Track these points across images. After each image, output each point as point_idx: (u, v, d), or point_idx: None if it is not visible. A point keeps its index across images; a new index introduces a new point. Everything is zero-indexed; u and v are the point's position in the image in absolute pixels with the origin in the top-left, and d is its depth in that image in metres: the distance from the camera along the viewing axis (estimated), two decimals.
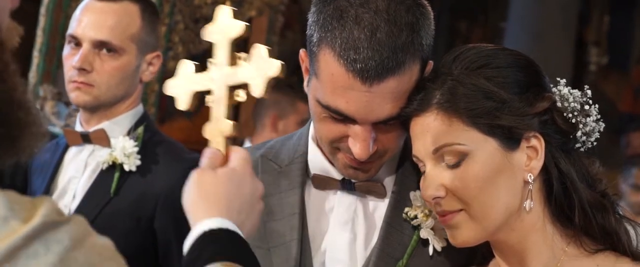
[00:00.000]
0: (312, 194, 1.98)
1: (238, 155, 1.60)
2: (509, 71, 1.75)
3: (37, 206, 0.95)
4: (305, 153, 1.99)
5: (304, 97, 6.18)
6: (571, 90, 1.80)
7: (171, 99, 1.74)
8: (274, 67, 1.64)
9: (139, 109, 2.82)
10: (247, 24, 1.68)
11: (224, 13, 1.71)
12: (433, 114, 1.74)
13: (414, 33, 1.74)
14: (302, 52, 1.88)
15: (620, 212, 1.82)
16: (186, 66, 1.74)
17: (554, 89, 1.81)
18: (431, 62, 1.83)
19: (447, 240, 1.90)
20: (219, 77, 1.69)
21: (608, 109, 1.86)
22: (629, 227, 1.81)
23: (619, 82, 9.09)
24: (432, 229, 1.91)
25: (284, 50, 7.34)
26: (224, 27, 1.70)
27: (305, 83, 1.89)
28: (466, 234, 1.75)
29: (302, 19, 7.51)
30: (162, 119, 6.07)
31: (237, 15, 1.70)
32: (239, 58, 1.69)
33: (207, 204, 1.49)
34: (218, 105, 1.68)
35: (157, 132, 2.86)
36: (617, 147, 6.84)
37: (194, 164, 2.07)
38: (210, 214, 1.47)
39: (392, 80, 1.73)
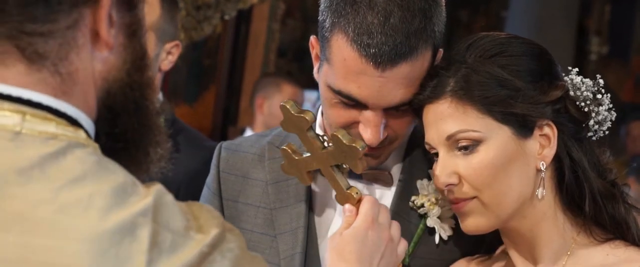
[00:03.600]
0: (319, 182, 1.98)
1: (360, 211, 1.76)
2: (523, 59, 1.75)
3: (201, 215, 1.09)
4: None
5: (289, 79, 6.32)
6: (583, 79, 1.80)
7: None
8: None
9: (159, 98, 2.80)
10: None
11: None
12: (447, 101, 1.73)
13: (426, 19, 1.74)
14: (312, 38, 1.88)
15: (629, 202, 1.82)
16: None
17: (565, 78, 1.81)
18: (441, 50, 1.83)
19: (453, 228, 1.90)
20: None
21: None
22: (638, 217, 1.81)
23: (620, 72, 9.09)
24: (438, 217, 1.91)
25: (285, 38, 7.34)
26: None
27: (315, 69, 1.88)
28: (478, 222, 1.75)
29: (303, 7, 7.53)
30: None
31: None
32: None
33: (339, 259, 1.70)
34: None
35: (177, 120, 2.85)
36: (617, 137, 6.84)
37: (214, 151, 2.09)
38: None
39: (404, 66, 1.73)
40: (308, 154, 1.84)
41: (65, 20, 1.11)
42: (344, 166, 1.80)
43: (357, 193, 1.78)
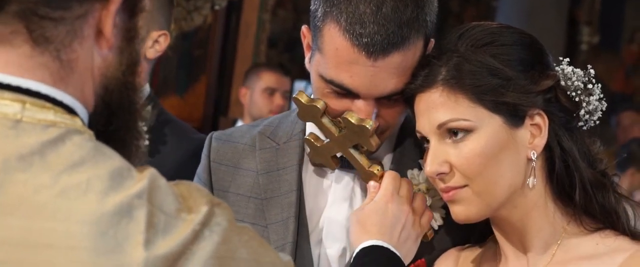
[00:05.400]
0: (310, 172, 1.98)
1: (381, 185, 1.86)
2: (514, 49, 1.75)
3: (190, 195, 1.14)
4: (304, 130, 1.99)
5: (269, 66, 6.49)
6: (574, 69, 1.80)
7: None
8: None
9: (146, 88, 2.77)
10: None
11: None
12: (438, 90, 1.73)
13: (418, 9, 1.75)
14: (304, 28, 1.88)
15: (619, 192, 1.83)
16: None
17: (556, 68, 1.81)
18: (433, 40, 1.84)
19: (444, 218, 1.90)
20: None
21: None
22: (627, 207, 1.82)
23: (610, 62, 9.11)
24: (429, 207, 1.91)
25: (276, 28, 7.33)
26: None
27: (307, 59, 1.88)
28: (469, 210, 1.75)
29: None
30: None
31: None
32: None
33: (362, 231, 1.82)
34: None
35: (164, 112, 2.82)
36: (608, 127, 6.86)
37: (201, 143, 2.08)
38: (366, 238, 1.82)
39: (396, 55, 1.74)
40: (328, 140, 1.89)
41: (77, 10, 1.15)
42: (363, 147, 1.85)
43: (378, 170, 1.86)
